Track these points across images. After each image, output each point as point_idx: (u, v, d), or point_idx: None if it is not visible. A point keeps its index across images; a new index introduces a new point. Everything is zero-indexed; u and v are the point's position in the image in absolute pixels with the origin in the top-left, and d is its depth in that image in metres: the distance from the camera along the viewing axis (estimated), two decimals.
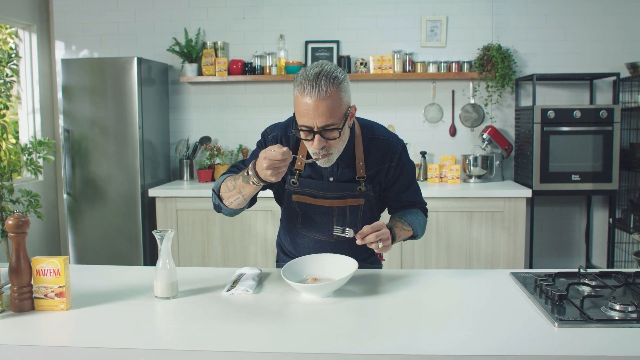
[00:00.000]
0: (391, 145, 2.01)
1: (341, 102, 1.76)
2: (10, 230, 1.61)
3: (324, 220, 2.05)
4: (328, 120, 1.73)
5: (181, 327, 1.56)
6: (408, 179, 2.08)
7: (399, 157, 2.01)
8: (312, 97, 1.71)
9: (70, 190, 4.46)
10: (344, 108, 1.78)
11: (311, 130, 1.76)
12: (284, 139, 2.00)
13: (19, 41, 4.80)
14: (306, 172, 1.99)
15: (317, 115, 1.72)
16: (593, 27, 4.61)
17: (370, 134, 2.00)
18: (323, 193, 1.99)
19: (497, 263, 4.10)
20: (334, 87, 1.72)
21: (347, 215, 2.03)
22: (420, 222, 2.07)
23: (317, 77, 1.71)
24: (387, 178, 2.03)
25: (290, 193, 2.03)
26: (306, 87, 1.71)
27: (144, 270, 2.14)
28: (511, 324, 1.55)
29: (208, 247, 4.28)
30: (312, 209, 2.04)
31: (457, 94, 4.74)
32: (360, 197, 2.00)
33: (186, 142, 4.83)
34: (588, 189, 4.24)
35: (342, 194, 1.99)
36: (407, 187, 2.08)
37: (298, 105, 1.76)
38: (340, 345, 1.41)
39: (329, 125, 1.75)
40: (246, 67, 4.73)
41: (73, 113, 4.41)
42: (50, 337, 1.51)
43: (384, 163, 1.99)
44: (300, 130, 1.78)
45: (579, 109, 4.17)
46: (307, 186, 2.00)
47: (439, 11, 4.69)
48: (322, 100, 1.71)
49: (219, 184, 1.92)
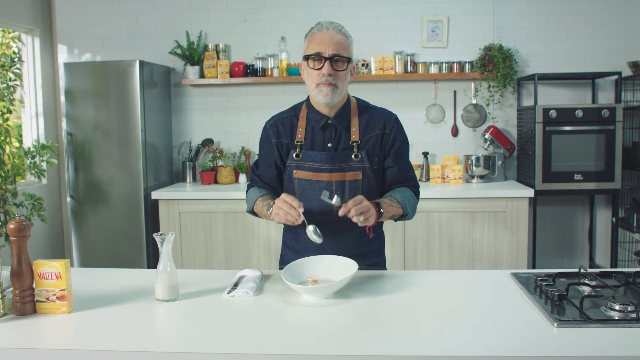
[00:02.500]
0: (385, 114, 2.16)
1: (349, 48, 2.05)
2: (11, 233, 1.62)
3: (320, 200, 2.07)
4: (339, 50, 1.99)
5: (182, 330, 1.56)
6: (403, 149, 2.18)
7: (393, 126, 2.14)
8: (328, 31, 2.01)
9: (73, 193, 4.48)
10: (350, 52, 2.05)
11: (321, 58, 1.99)
12: (279, 123, 2.17)
13: (21, 45, 4.82)
14: (307, 143, 2.12)
15: (331, 44, 1.99)
16: (594, 26, 4.61)
17: (365, 106, 2.19)
18: (322, 166, 2.07)
19: (500, 263, 4.10)
20: (344, 36, 2.04)
21: (347, 191, 2.08)
22: (410, 201, 2.12)
23: (332, 21, 2.05)
24: (383, 146, 2.12)
25: (292, 169, 2.11)
26: (323, 25, 2.03)
27: (145, 272, 2.15)
28: (511, 325, 1.55)
29: (211, 249, 4.29)
30: (311, 186, 2.09)
31: (459, 94, 4.75)
32: (357, 169, 2.07)
33: (189, 144, 4.84)
34: (591, 188, 4.23)
35: (339, 166, 2.07)
36: (402, 158, 2.16)
37: (313, 40, 2.03)
38: (341, 347, 1.42)
39: (339, 55, 1.99)
40: (248, 69, 4.74)
41: (76, 116, 4.43)
42: (52, 340, 1.52)
43: (377, 129, 2.12)
44: (312, 58, 2.01)
45: (581, 108, 4.17)
46: (308, 158, 2.10)
47: (440, 11, 4.69)
48: (336, 34, 2.01)
49: (251, 204, 2.16)
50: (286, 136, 2.14)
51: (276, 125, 2.17)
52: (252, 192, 2.20)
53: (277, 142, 2.15)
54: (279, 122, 2.17)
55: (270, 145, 2.17)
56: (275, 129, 2.16)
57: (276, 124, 2.17)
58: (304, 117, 2.14)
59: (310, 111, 2.13)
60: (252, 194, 2.18)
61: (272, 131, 2.17)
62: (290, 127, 2.14)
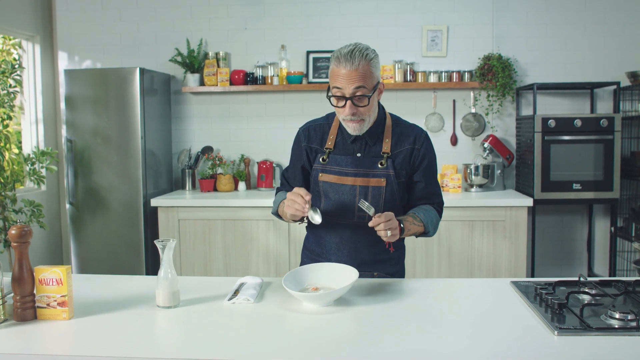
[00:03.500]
0: (417, 130, 2.18)
1: (372, 75, 1.98)
2: (13, 239, 1.63)
3: (346, 201, 2.11)
4: (358, 87, 1.95)
5: (183, 336, 1.56)
6: (432, 166, 2.20)
7: (423, 142, 2.16)
8: (346, 67, 1.94)
9: (72, 200, 4.48)
10: (374, 81, 2.00)
11: (343, 97, 1.97)
12: (311, 129, 2.22)
13: (22, 52, 4.83)
14: (337, 150, 2.15)
15: (349, 82, 1.94)
16: (593, 37, 4.63)
17: (397, 121, 2.20)
18: (347, 169, 2.11)
19: (498, 272, 4.10)
20: (365, 62, 1.95)
21: (369, 197, 2.10)
22: (433, 220, 2.15)
23: (352, 52, 1.95)
24: (412, 161, 2.14)
25: (318, 172, 2.15)
26: (341, 60, 1.95)
27: (146, 279, 2.15)
28: (511, 333, 1.55)
29: (210, 257, 4.29)
30: (335, 190, 2.12)
31: (458, 103, 4.76)
32: (381, 176, 2.09)
33: (188, 152, 4.85)
34: (589, 197, 4.24)
35: (364, 171, 2.10)
36: (431, 175, 2.18)
37: (333, 76, 1.98)
38: (341, 354, 1.42)
39: (359, 91, 1.96)
40: (248, 77, 4.76)
41: (76, 123, 4.44)
42: (53, 346, 1.52)
43: (408, 144, 2.14)
44: (334, 96, 2.00)
45: (579, 117, 4.19)
46: (334, 162, 2.14)
47: (439, 21, 4.72)
48: (354, 70, 1.94)
49: (276, 206, 2.23)
50: (317, 142, 2.19)
51: (309, 130, 2.22)
52: (279, 195, 2.25)
53: (307, 146, 2.20)
54: (311, 128, 2.23)
55: (300, 148, 2.22)
56: (307, 134, 2.22)
57: (309, 129, 2.23)
58: (337, 126, 2.18)
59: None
60: (279, 197, 2.24)
61: (304, 135, 2.22)
62: (322, 134, 2.19)
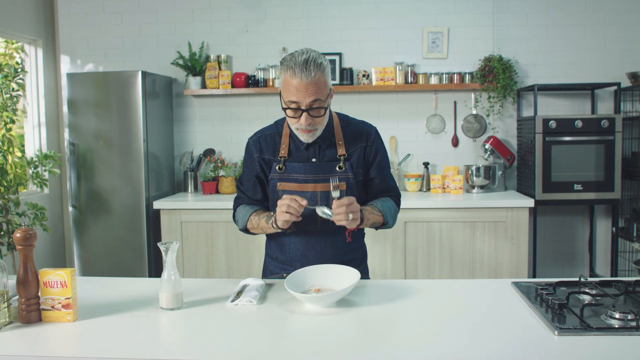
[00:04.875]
0: (366, 127, 2.20)
1: (326, 85, 1.97)
2: (18, 242, 1.64)
3: (307, 208, 2.05)
4: (315, 100, 1.95)
5: (186, 338, 1.58)
6: (385, 161, 2.22)
7: (374, 138, 2.18)
8: (303, 80, 1.91)
9: (75, 203, 4.49)
10: (328, 89, 2.00)
11: (299, 109, 1.96)
12: (262, 140, 2.19)
13: (24, 56, 4.86)
14: (291, 158, 2.14)
15: (306, 95, 1.93)
16: (594, 38, 4.65)
17: (346, 120, 2.21)
18: (306, 176, 2.10)
19: (500, 273, 4.11)
20: (320, 72, 1.94)
21: (331, 202, 2.07)
22: (391, 210, 2.17)
23: (306, 63, 1.92)
24: (365, 158, 2.16)
25: (276, 182, 2.13)
26: (297, 71, 1.91)
27: (149, 281, 2.16)
28: (511, 333, 1.56)
29: (212, 259, 4.30)
30: None
31: (459, 104, 4.77)
32: (341, 180, 2.10)
33: (190, 154, 4.86)
34: (590, 198, 4.25)
35: (323, 176, 2.10)
36: (385, 169, 2.21)
37: (287, 87, 1.96)
38: (344, 354, 1.43)
39: (316, 104, 1.96)
40: (249, 79, 4.77)
41: (78, 126, 4.46)
42: (58, 348, 1.53)
43: (360, 142, 2.16)
44: (289, 108, 1.98)
45: (580, 118, 4.20)
46: (291, 170, 2.12)
47: (440, 23, 4.73)
48: (310, 83, 1.92)
49: (245, 221, 2.18)
50: (269, 152, 2.16)
51: (259, 141, 2.18)
52: (241, 210, 2.22)
53: (260, 157, 2.16)
54: (262, 139, 2.19)
55: (252, 160, 2.18)
56: (258, 145, 2.18)
57: (259, 140, 2.19)
58: (287, 134, 2.15)
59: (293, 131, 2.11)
60: (243, 212, 2.20)
61: (254, 147, 2.18)
62: (273, 144, 2.16)
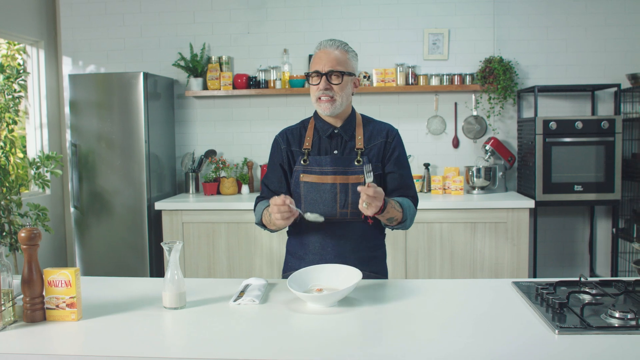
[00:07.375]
0: (386, 126, 2.31)
1: (348, 62, 2.17)
2: (22, 242, 1.65)
3: (327, 199, 2.16)
4: (335, 66, 2.13)
5: (190, 337, 1.59)
6: (404, 158, 2.29)
7: (394, 136, 2.28)
8: (326, 48, 2.16)
9: (77, 203, 4.51)
10: (349, 67, 2.17)
11: (319, 75, 2.14)
12: (288, 133, 2.31)
13: (26, 57, 4.87)
14: (314, 150, 2.24)
15: (327, 61, 2.13)
16: (594, 39, 4.66)
17: (369, 119, 2.34)
18: (327, 168, 2.19)
19: (500, 273, 4.12)
20: (342, 49, 2.17)
21: (349, 194, 2.15)
22: (411, 209, 2.21)
23: (333, 40, 2.18)
24: (385, 153, 2.24)
25: (299, 173, 2.22)
26: (323, 43, 2.18)
27: (152, 281, 2.17)
28: (512, 332, 1.58)
29: (214, 259, 4.31)
30: (316, 189, 2.18)
31: (460, 106, 4.79)
32: (359, 173, 2.17)
33: (192, 155, 4.88)
34: (591, 199, 4.26)
35: (343, 169, 2.18)
36: (404, 166, 2.27)
37: (313, 59, 2.18)
38: (346, 353, 1.44)
39: (334, 70, 2.12)
40: (251, 81, 4.79)
41: (80, 127, 4.47)
42: (62, 347, 1.54)
43: (380, 138, 2.25)
44: (312, 75, 2.16)
45: (580, 120, 4.21)
46: (314, 162, 2.21)
47: (441, 24, 4.75)
48: (333, 51, 2.15)
49: (260, 215, 2.26)
50: (295, 144, 2.27)
51: (286, 134, 2.31)
52: (259, 205, 2.29)
53: (287, 149, 2.27)
54: (288, 132, 2.31)
55: (279, 151, 2.28)
56: (285, 138, 2.29)
57: (286, 134, 2.31)
58: (312, 127, 2.29)
59: (318, 121, 2.26)
60: (260, 207, 2.28)
61: (282, 139, 2.30)
62: (299, 137, 2.28)
